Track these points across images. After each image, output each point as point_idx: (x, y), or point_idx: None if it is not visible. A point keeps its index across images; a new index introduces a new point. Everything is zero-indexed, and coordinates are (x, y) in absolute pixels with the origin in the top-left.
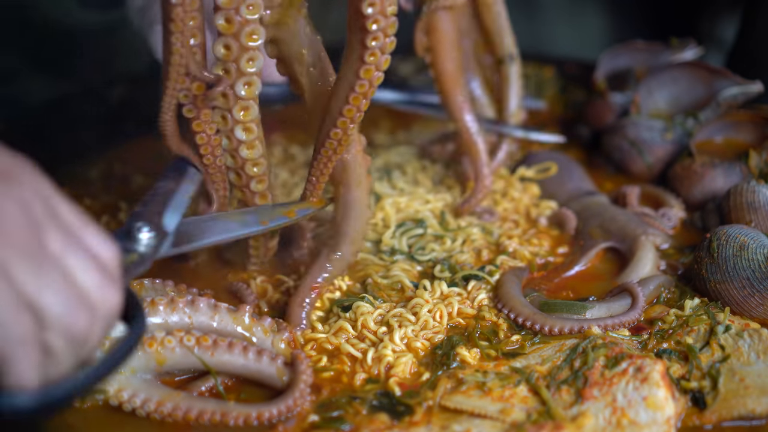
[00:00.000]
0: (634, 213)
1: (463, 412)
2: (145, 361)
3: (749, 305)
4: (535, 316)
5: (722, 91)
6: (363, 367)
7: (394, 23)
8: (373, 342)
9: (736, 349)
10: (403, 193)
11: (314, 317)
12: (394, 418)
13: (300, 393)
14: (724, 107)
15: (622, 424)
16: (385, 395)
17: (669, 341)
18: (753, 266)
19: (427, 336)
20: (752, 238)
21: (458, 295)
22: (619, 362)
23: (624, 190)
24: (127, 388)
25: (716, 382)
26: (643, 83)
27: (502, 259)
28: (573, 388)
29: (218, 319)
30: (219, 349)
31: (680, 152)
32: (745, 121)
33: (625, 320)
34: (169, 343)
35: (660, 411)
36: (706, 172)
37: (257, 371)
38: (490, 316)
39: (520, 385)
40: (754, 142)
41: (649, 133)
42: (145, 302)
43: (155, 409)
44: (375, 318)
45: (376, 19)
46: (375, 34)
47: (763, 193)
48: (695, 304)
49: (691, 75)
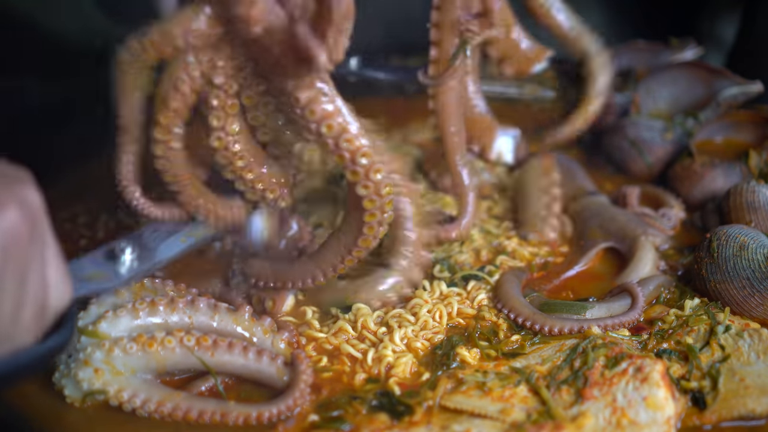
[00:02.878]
0: (634, 213)
1: (463, 412)
2: (145, 361)
3: (749, 305)
4: (535, 316)
5: (722, 91)
6: (363, 367)
7: (390, 201)
8: (373, 342)
9: (736, 349)
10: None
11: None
12: (394, 418)
13: (300, 393)
14: (724, 107)
15: (622, 424)
16: (385, 395)
17: (669, 341)
18: (753, 266)
19: (427, 336)
20: (752, 238)
21: (458, 295)
22: (619, 362)
23: (624, 190)
24: (127, 388)
25: (716, 382)
26: (643, 83)
27: (501, 259)
28: (573, 388)
29: (218, 319)
30: (219, 349)
31: (680, 152)
32: (745, 121)
33: (625, 320)
34: (169, 343)
35: (660, 411)
36: (706, 172)
37: (257, 371)
38: (490, 316)
39: (520, 385)
40: (754, 142)
41: (649, 133)
42: (145, 302)
43: (155, 409)
44: (375, 319)
45: (372, 200)
46: (371, 211)
47: (763, 193)
48: (695, 304)
49: (691, 75)
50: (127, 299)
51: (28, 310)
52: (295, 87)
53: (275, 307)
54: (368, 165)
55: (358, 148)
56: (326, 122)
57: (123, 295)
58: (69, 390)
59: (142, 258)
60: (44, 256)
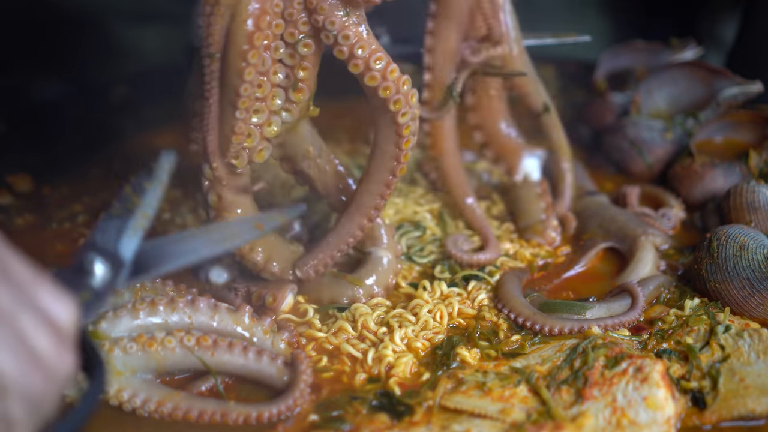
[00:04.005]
0: (634, 213)
1: (463, 412)
2: (145, 361)
3: (749, 305)
4: (535, 316)
5: (722, 91)
6: (363, 367)
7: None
8: (373, 342)
9: (736, 349)
10: (400, 194)
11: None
12: (394, 418)
13: (300, 393)
14: (724, 107)
15: (622, 424)
16: (385, 395)
17: (669, 341)
18: (753, 266)
19: (427, 336)
20: (752, 238)
21: (458, 296)
22: (619, 362)
23: (624, 190)
24: (127, 388)
25: (716, 382)
26: (643, 83)
27: (502, 260)
28: (573, 388)
29: (218, 319)
30: (219, 349)
31: (680, 152)
32: (745, 121)
33: (625, 320)
34: (169, 343)
35: (660, 411)
36: (706, 172)
37: (257, 371)
38: (490, 317)
39: (520, 385)
40: (754, 142)
41: (649, 133)
42: (145, 302)
43: (155, 409)
44: (375, 318)
45: (408, 125)
46: (407, 124)
47: (763, 193)
48: (695, 304)
49: (691, 75)
50: (127, 299)
51: (41, 340)
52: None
53: (275, 302)
54: (397, 78)
55: (386, 65)
56: (375, 56)
57: (123, 295)
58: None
59: (115, 268)
60: (19, 289)
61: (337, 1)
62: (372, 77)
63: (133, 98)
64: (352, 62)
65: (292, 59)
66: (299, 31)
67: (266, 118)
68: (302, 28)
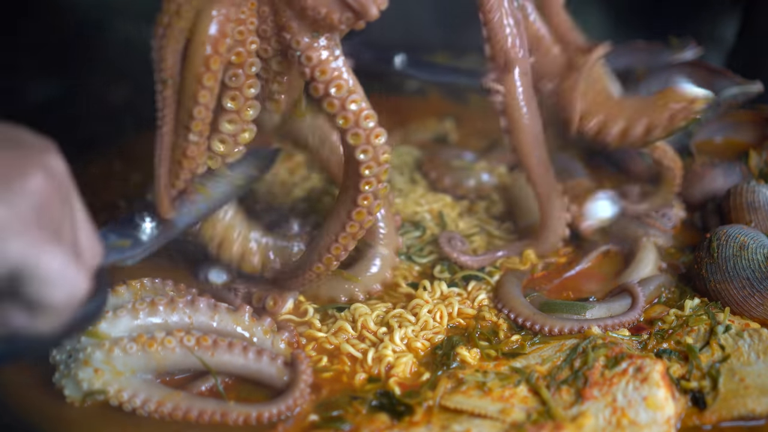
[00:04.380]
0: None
1: (463, 412)
2: (145, 361)
3: (749, 305)
4: (535, 316)
5: (722, 91)
6: (363, 367)
7: (386, 170)
8: (373, 342)
9: (736, 349)
10: (401, 194)
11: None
12: (394, 418)
13: (300, 393)
14: (724, 107)
15: (622, 424)
16: (385, 395)
17: (669, 341)
18: (753, 266)
19: (427, 336)
20: (752, 238)
21: (458, 296)
22: (619, 362)
23: (624, 190)
24: (127, 388)
25: (716, 382)
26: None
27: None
28: (573, 388)
29: (218, 319)
30: (219, 349)
31: (680, 152)
32: (745, 121)
33: (625, 320)
34: (169, 343)
35: (660, 411)
36: (706, 172)
37: (257, 371)
38: (490, 317)
39: (520, 385)
40: (754, 142)
41: None
42: (145, 302)
43: (155, 409)
44: (375, 318)
45: (369, 165)
46: (368, 179)
47: (763, 193)
48: (695, 304)
49: (691, 75)
50: (127, 299)
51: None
52: (307, 46)
53: (276, 306)
54: (371, 129)
55: (362, 110)
56: (335, 82)
57: (123, 295)
58: (69, 390)
59: (162, 226)
60: (73, 220)
61: (305, 23)
62: (330, 104)
63: (133, 98)
64: (312, 85)
65: (266, 73)
66: (272, 48)
67: (239, 129)
68: (274, 45)
